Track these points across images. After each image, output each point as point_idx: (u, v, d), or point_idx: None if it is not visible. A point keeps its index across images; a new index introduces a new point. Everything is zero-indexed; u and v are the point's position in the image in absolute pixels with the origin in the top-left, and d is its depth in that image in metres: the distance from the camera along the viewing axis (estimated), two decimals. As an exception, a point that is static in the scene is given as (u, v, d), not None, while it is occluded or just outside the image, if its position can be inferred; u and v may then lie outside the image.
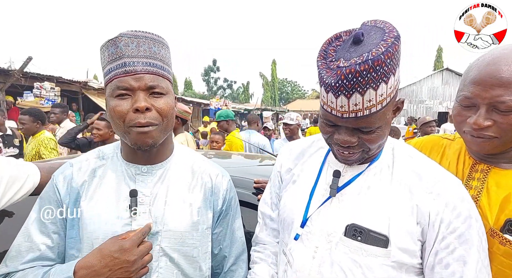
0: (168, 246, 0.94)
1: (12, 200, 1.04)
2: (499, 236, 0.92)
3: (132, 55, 0.88)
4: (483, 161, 1.05)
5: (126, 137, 0.91)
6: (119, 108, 0.88)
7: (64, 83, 9.13)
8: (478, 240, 0.81)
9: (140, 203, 0.94)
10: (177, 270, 0.95)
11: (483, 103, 0.93)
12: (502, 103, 0.90)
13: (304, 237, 0.93)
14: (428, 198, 0.84)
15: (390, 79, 0.78)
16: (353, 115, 0.79)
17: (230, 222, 1.09)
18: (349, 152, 0.87)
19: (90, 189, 0.97)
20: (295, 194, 1.01)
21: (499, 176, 1.01)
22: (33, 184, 1.09)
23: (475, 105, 0.97)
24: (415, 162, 0.92)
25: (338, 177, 0.93)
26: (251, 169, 1.93)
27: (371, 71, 0.73)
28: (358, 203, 0.89)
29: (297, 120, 4.41)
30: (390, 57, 0.74)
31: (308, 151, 1.08)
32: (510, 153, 1.00)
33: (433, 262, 0.82)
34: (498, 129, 0.94)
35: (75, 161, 1.03)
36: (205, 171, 1.07)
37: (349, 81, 0.75)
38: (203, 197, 1.03)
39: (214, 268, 1.09)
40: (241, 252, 1.12)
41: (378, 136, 0.84)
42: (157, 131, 0.91)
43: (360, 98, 0.77)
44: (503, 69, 0.90)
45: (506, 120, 0.92)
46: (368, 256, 0.83)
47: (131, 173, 0.98)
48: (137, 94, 0.88)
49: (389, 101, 0.81)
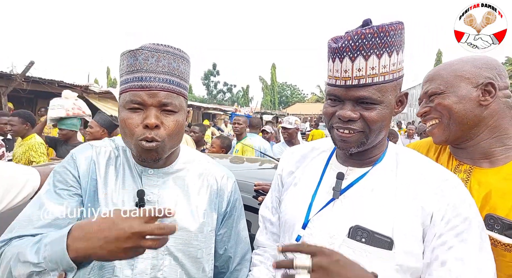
0: (173, 246, 0.95)
1: (11, 204, 1.05)
2: None
3: (150, 70, 0.89)
4: (466, 162, 1.13)
5: (132, 148, 0.93)
6: (130, 121, 0.90)
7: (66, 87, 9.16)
8: (479, 240, 0.81)
9: (148, 202, 0.95)
10: (181, 270, 0.96)
11: (423, 97, 1.20)
12: (426, 91, 1.16)
13: (306, 239, 0.93)
14: (434, 198, 0.84)
15: (393, 54, 0.84)
16: (356, 81, 0.83)
17: (235, 223, 1.11)
18: (349, 130, 0.88)
19: (107, 177, 0.97)
20: (296, 196, 1.01)
21: (480, 175, 1.07)
22: (33, 188, 1.10)
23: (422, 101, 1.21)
24: (419, 164, 0.92)
25: (341, 179, 0.93)
26: (252, 173, 1.94)
27: (375, 36, 0.81)
28: (362, 205, 0.89)
29: (295, 124, 4.41)
30: (394, 30, 0.82)
31: (310, 155, 1.09)
32: (492, 150, 1.07)
33: (429, 259, 0.82)
34: (435, 113, 1.13)
35: (95, 143, 1.04)
36: (211, 173, 1.08)
37: (354, 42, 0.82)
38: (209, 199, 1.04)
39: (220, 268, 1.10)
40: (246, 252, 1.14)
41: (378, 114, 0.86)
42: (161, 146, 0.91)
43: (363, 63, 0.82)
44: (434, 70, 1.15)
45: (436, 103, 1.13)
46: (372, 259, 0.83)
47: (140, 173, 1.00)
48: (149, 110, 0.89)
49: (391, 79, 0.85)
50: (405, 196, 0.86)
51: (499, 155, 1.06)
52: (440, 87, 1.11)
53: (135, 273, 0.92)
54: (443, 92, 1.10)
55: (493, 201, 0.99)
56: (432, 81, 1.14)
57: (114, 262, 0.91)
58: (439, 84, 1.11)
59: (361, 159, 0.96)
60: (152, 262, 0.93)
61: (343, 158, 0.99)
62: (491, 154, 1.08)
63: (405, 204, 0.85)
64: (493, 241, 0.96)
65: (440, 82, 1.11)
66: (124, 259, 0.77)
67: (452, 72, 1.10)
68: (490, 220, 0.97)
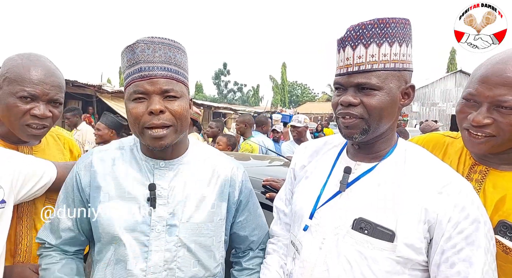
0: (186, 237, 0.99)
1: (29, 192, 1.12)
2: None
3: (148, 61, 0.93)
4: (482, 162, 1.07)
5: (141, 138, 0.97)
6: (135, 111, 0.93)
7: (80, 86, 9.38)
8: (486, 243, 0.82)
9: (158, 196, 0.99)
10: (194, 259, 1.00)
11: (486, 101, 0.95)
12: (504, 102, 0.91)
13: (313, 229, 0.97)
14: (438, 198, 0.86)
15: (394, 45, 0.89)
16: (357, 68, 0.89)
17: (253, 209, 1.18)
18: (350, 115, 0.91)
19: (111, 179, 1.01)
20: (307, 188, 1.05)
21: (496, 177, 1.02)
22: (50, 179, 1.17)
23: (478, 103, 0.98)
24: (427, 163, 0.94)
25: (348, 173, 0.97)
26: (259, 169, 1.98)
27: (375, 26, 0.87)
28: (367, 198, 0.92)
29: (304, 123, 4.41)
30: (395, 23, 0.88)
31: (322, 149, 1.13)
32: (509, 154, 1.01)
33: (439, 260, 0.84)
34: (497, 128, 0.95)
35: (96, 150, 1.09)
36: (220, 164, 1.11)
37: (356, 31, 0.89)
38: (219, 189, 1.07)
39: (243, 249, 1.20)
40: (266, 235, 1.22)
41: (378, 101, 0.89)
42: (171, 133, 0.95)
43: (364, 51, 0.88)
44: (510, 69, 0.91)
45: (506, 119, 0.93)
46: (373, 249, 0.86)
47: (150, 167, 1.03)
48: (152, 98, 0.93)
49: (392, 67, 0.89)
50: (409, 193, 0.88)
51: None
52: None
53: (149, 265, 0.95)
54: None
55: (507, 206, 0.95)
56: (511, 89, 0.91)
57: (128, 256, 0.95)
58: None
59: (369, 153, 0.98)
60: (165, 254, 0.96)
61: (352, 152, 1.02)
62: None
63: (409, 200, 0.87)
64: (505, 248, 0.94)
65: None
66: None
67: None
68: (503, 227, 0.94)
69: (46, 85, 1.17)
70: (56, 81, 1.21)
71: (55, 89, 1.21)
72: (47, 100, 1.19)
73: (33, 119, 1.17)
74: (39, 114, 1.16)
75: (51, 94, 1.19)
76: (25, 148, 1.28)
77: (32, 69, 1.16)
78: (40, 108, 1.17)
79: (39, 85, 1.16)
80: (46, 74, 1.18)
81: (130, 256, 0.95)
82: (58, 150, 1.42)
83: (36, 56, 1.22)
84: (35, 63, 1.18)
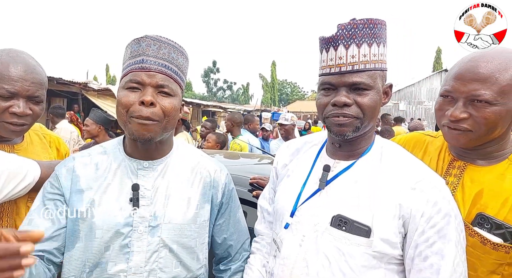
0: (168, 238, 0.98)
1: (11, 193, 1.07)
2: (469, 228, 0.99)
3: (151, 55, 0.95)
4: (460, 158, 1.11)
5: (126, 127, 0.95)
6: (126, 98, 0.93)
7: (65, 84, 9.14)
8: (456, 236, 0.85)
9: (141, 197, 0.98)
10: (176, 260, 0.99)
11: (461, 97, 1.00)
12: (478, 96, 0.96)
13: (293, 227, 0.98)
14: (411, 193, 0.88)
15: (380, 45, 0.92)
16: (350, 67, 0.90)
17: (233, 213, 1.16)
18: (344, 115, 0.92)
19: (94, 182, 0.99)
20: (288, 187, 1.07)
21: (474, 172, 1.06)
22: (33, 179, 1.11)
23: (454, 99, 1.02)
24: (402, 160, 0.96)
25: (327, 171, 0.99)
26: (248, 167, 2.00)
27: (366, 26, 0.89)
28: (345, 196, 0.94)
29: (291, 121, 4.48)
30: (380, 25, 0.91)
31: (303, 148, 1.14)
32: (485, 149, 1.05)
33: (413, 254, 0.87)
34: (473, 122, 0.99)
35: (77, 155, 1.07)
36: (204, 166, 1.11)
37: (348, 30, 0.89)
38: (202, 191, 1.07)
39: (220, 255, 1.17)
40: (245, 239, 1.21)
41: (371, 100, 0.91)
42: (156, 127, 0.94)
43: (356, 50, 0.89)
44: (481, 65, 0.97)
45: (480, 113, 0.97)
46: (351, 245, 0.88)
47: (134, 167, 1.02)
48: (146, 89, 0.93)
49: (380, 67, 0.93)
50: (385, 189, 0.91)
51: (494, 152, 1.06)
52: (495, 96, 0.94)
53: (130, 266, 0.94)
54: (496, 104, 0.95)
55: (484, 199, 1.00)
56: (485, 84, 0.95)
57: (107, 258, 0.93)
58: (495, 92, 0.94)
59: (348, 151, 1.00)
60: (147, 255, 0.95)
61: (331, 151, 1.04)
62: (489, 153, 1.07)
63: (384, 196, 0.90)
64: (482, 239, 0.98)
65: (496, 90, 0.94)
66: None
67: (511, 80, 0.94)
68: (481, 219, 0.99)
69: (26, 82, 1.13)
70: (36, 78, 1.17)
71: (36, 86, 1.16)
72: (27, 96, 1.15)
73: (11, 117, 1.13)
74: (18, 112, 1.13)
75: (31, 91, 1.15)
76: (7, 146, 1.23)
77: (12, 65, 1.12)
78: (20, 105, 1.13)
79: (18, 82, 1.12)
80: (26, 71, 1.14)
81: (110, 257, 0.94)
82: (42, 149, 1.37)
83: (16, 52, 1.17)
84: (15, 59, 1.14)
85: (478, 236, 0.98)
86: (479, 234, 0.98)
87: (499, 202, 0.98)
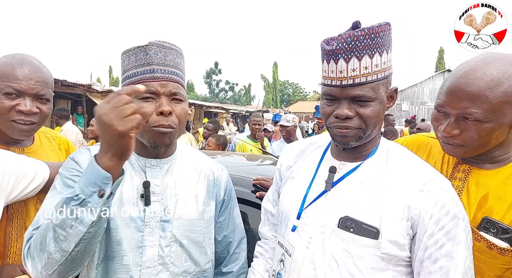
0: (179, 233, 1.02)
1: (21, 194, 1.09)
2: (475, 233, 0.98)
3: (160, 63, 0.99)
4: (465, 161, 1.10)
5: (145, 136, 0.99)
6: (143, 110, 0.95)
7: (69, 86, 9.21)
8: (465, 238, 0.85)
9: (152, 193, 1.01)
10: (186, 255, 1.03)
11: (453, 113, 1.00)
12: (469, 114, 0.96)
13: (300, 229, 0.98)
14: (419, 195, 0.88)
15: (383, 54, 0.90)
16: (351, 81, 0.89)
17: (231, 211, 1.21)
18: (346, 127, 0.92)
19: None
20: (293, 189, 1.07)
21: (479, 176, 1.06)
22: (43, 179, 1.14)
23: (447, 113, 1.03)
24: (408, 162, 0.96)
25: (333, 173, 0.99)
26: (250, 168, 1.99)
27: (367, 37, 0.87)
28: (352, 197, 0.93)
29: (293, 122, 4.45)
30: (383, 31, 0.88)
31: (308, 149, 1.14)
32: (492, 154, 1.05)
33: (423, 256, 0.86)
34: (466, 138, 1.00)
35: (92, 148, 1.08)
36: (206, 165, 1.16)
37: (348, 44, 0.87)
38: (207, 188, 1.12)
39: (220, 253, 1.19)
40: (242, 237, 1.24)
41: (373, 111, 0.91)
42: (174, 133, 1.01)
43: (357, 63, 0.88)
44: (472, 83, 0.95)
45: (472, 130, 0.97)
46: (359, 247, 0.88)
47: (142, 165, 1.05)
48: (161, 98, 0.97)
49: (382, 76, 0.91)
50: (392, 190, 0.90)
51: (499, 156, 1.05)
52: (486, 115, 0.94)
53: (144, 260, 0.97)
54: (487, 121, 0.95)
55: (489, 203, 0.99)
56: (475, 103, 0.94)
57: (124, 251, 0.96)
58: (486, 110, 0.93)
59: (354, 154, 1.00)
60: (159, 249, 0.99)
61: (336, 152, 1.04)
62: (494, 157, 1.06)
63: (392, 197, 0.89)
64: (489, 244, 0.97)
65: (486, 108, 0.93)
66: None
67: (502, 96, 0.92)
68: (487, 224, 0.98)
69: (31, 81, 1.17)
70: (41, 77, 1.20)
71: (41, 84, 1.20)
72: (33, 95, 1.18)
73: (19, 115, 1.16)
74: (25, 110, 1.15)
75: (36, 90, 1.18)
76: (17, 149, 1.25)
77: (17, 66, 1.16)
78: (26, 104, 1.16)
79: (24, 80, 1.15)
80: (31, 70, 1.18)
81: (125, 251, 0.96)
82: (52, 151, 1.39)
83: (22, 55, 1.22)
84: (20, 60, 1.18)
85: (484, 240, 0.97)
86: (485, 239, 0.97)
87: (505, 206, 0.97)
